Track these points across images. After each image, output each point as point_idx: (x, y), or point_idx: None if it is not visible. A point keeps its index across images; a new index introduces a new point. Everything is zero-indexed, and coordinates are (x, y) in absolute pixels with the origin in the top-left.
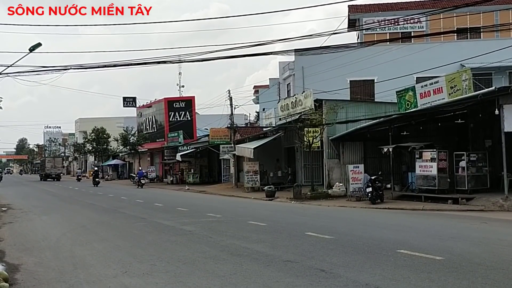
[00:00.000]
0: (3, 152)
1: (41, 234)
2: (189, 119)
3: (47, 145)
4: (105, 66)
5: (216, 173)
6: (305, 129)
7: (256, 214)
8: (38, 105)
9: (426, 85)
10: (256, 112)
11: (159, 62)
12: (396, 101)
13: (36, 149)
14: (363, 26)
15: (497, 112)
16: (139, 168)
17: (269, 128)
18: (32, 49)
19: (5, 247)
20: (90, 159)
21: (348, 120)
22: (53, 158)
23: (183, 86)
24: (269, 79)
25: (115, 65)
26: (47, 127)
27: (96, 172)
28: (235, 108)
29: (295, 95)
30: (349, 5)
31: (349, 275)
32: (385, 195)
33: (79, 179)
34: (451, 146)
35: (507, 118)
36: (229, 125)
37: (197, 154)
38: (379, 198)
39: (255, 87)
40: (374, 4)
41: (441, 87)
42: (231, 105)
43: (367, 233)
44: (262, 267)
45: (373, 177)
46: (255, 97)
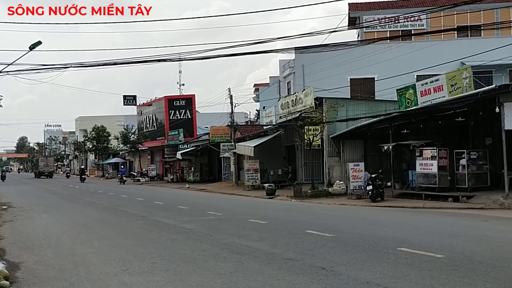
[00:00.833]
0: (4, 150)
1: (41, 232)
2: (190, 117)
3: (48, 144)
4: (105, 64)
5: (217, 171)
6: (305, 127)
7: (257, 212)
8: (38, 103)
9: (426, 83)
10: (256, 110)
11: (160, 60)
12: (397, 99)
13: (36, 148)
14: (363, 24)
15: (497, 110)
16: (121, 167)
17: (269, 126)
18: (32, 47)
19: (5, 245)
20: (91, 157)
21: (348, 118)
22: (45, 158)
23: (183, 84)
24: (269, 77)
25: (115, 63)
26: (48, 125)
27: (82, 170)
28: (235, 106)
29: (295, 93)
30: (349, 3)
31: (350, 273)
32: (385, 193)
33: (68, 176)
34: (451, 144)
35: (507, 116)
36: (229, 123)
37: (198, 152)
38: (379, 196)
39: (255, 85)
40: (375, 2)
41: (442, 85)
42: (232, 103)
43: (368, 231)
44: (262, 265)
45: (373, 175)
46: (255, 95)
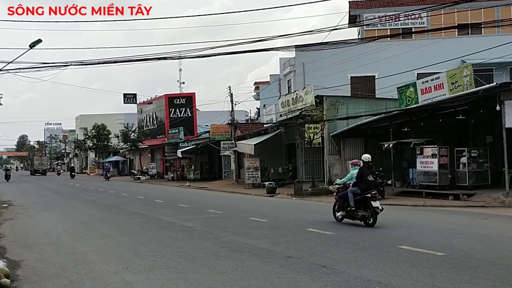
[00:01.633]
0: (4, 148)
1: (42, 230)
2: (190, 115)
3: (48, 142)
4: (106, 62)
5: (217, 169)
6: (306, 125)
7: (257, 210)
8: (39, 102)
9: (427, 81)
10: (256, 108)
11: (160, 58)
12: (397, 97)
13: (36, 146)
14: (364, 22)
15: (498, 108)
16: (106, 164)
17: (270, 125)
18: (33, 45)
19: (6, 244)
20: (91, 155)
21: (349, 116)
22: (40, 157)
23: (184, 83)
24: (269, 75)
25: (115, 61)
26: (48, 123)
27: (72, 168)
28: (235, 104)
29: (296, 91)
30: (349, 1)
31: (351, 271)
32: (386, 191)
33: (59, 173)
34: (452, 142)
35: (508, 114)
36: (229, 122)
37: (198, 150)
38: (380, 194)
39: (255, 83)
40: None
41: (442, 83)
42: (232, 101)
43: (368, 229)
44: (263, 263)
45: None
46: (255, 93)
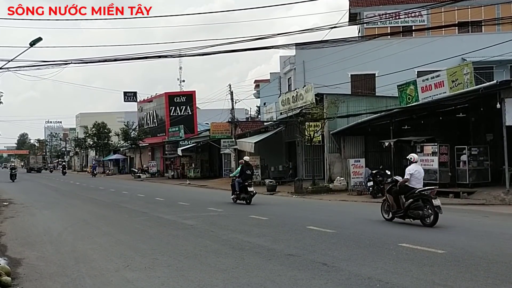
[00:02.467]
0: (4, 147)
1: (42, 228)
2: (190, 113)
3: (48, 140)
4: (106, 60)
5: (217, 167)
6: (306, 123)
7: (258, 208)
8: (40, 100)
9: (427, 79)
10: (257, 106)
11: (160, 56)
12: (397, 95)
13: (37, 144)
14: (364, 20)
15: (498, 106)
16: (93, 162)
17: (270, 123)
18: (33, 43)
19: (7, 242)
20: (91, 154)
21: (349, 114)
22: (35, 156)
23: (184, 81)
24: (270, 73)
25: (116, 59)
26: (48, 122)
27: (64, 165)
28: (236, 102)
29: (296, 89)
30: None
31: (351, 268)
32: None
33: (51, 171)
34: (452, 140)
35: (508, 112)
36: (230, 120)
37: (198, 148)
38: (380, 192)
39: (256, 81)
40: None
41: (443, 81)
42: (232, 99)
43: (369, 227)
44: (264, 261)
45: (374, 171)
46: (256, 91)
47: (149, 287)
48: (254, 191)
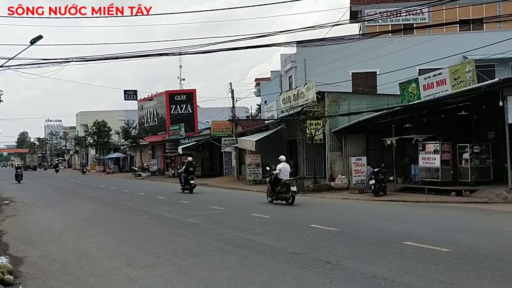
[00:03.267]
0: (4, 145)
1: (44, 227)
2: (191, 112)
3: (48, 139)
4: (107, 58)
5: (218, 166)
6: (307, 121)
7: (259, 206)
8: (40, 98)
9: (429, 77)
10: (257, 104)
11: (161, 54)
12: (399, 93)
13: (37, 143)
14: (365, 18)
15: (501, 103)
16: (82, 161)
17: (271, 121)
18: (33, 41)
19: (8, 240)
20: (92, 152)
21: (350, 113)
22: (31, 155)
23: (184, 79)
24: (270, 71)
25: (116, 57)
26: (48, 120)
27: (57, 163)
28: (236, 100)
29: (297, 87)
30: None
31: (356, 267)
32: (388, 188)
33: (45, 169)
34: (454, 138)
35: (511, 109)
36: (230, 118)
37: (199, 147)
38: (382, 191)
39: (256, 79)
40: None
41: (445, 79)
42: (233, 97)
43: (372, 225)
44: (267, 259)
45: (376, 170)
46: (256, 89)
47: (153, 285)
48: (195, 183)
